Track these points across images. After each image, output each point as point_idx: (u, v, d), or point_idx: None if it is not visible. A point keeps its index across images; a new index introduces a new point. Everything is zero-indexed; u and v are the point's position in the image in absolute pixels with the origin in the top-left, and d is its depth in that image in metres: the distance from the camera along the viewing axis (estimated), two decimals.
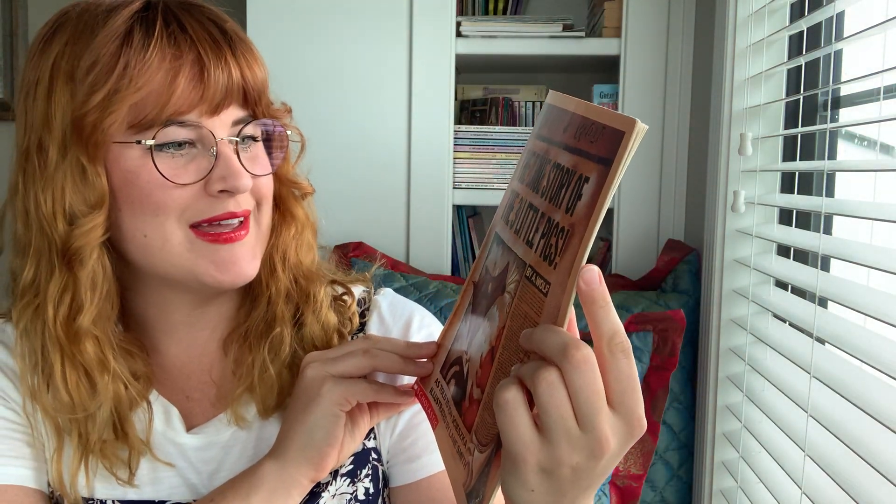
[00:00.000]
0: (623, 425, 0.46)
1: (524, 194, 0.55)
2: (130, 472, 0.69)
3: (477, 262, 0.62)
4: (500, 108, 1.79)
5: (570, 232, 0.46)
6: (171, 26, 0.63)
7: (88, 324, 0.65)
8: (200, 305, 0.73)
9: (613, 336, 0.46)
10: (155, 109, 0.62)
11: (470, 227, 1.79)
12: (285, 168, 0.73)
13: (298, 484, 0.66)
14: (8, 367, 0.71)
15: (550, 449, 0.46)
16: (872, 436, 0.83)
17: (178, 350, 0.75)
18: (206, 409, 0.75)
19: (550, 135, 0.53)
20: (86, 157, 0.62)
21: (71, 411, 0.67)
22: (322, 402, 0.64)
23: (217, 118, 0.65)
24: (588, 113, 0.48)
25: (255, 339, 0.73)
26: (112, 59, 0.61)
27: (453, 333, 0.62)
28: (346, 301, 0.78)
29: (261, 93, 0.68)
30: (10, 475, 0.68)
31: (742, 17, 1.23)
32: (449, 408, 0.58)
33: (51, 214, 0.63)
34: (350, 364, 0.65)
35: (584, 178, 0.46)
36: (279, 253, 0.73)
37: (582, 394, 0.45)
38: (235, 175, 0.64)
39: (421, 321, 0.79)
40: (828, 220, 1.12)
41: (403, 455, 0.76)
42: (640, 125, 0.42)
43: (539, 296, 0.48)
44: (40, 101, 0.64)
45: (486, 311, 0.56)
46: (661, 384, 1.31)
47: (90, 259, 0.64)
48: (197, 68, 0.63)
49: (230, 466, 0.73)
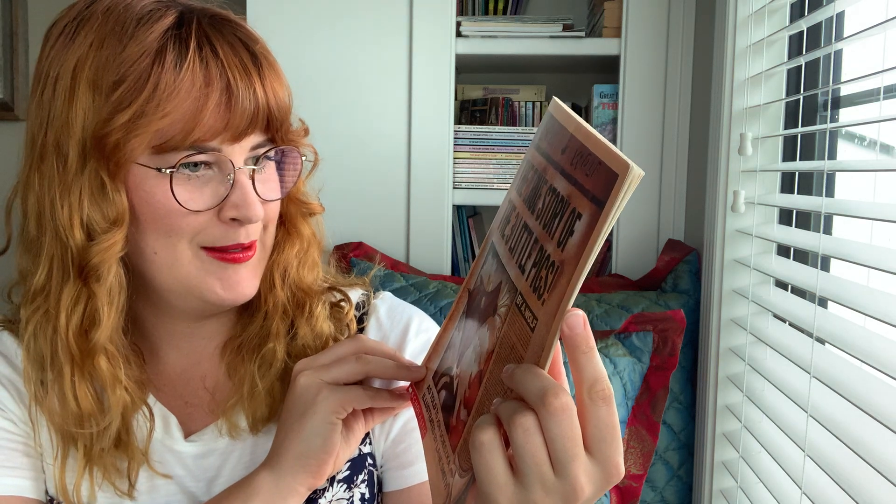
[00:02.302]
0: (599, 472, 0.46)
1: (521, 210, 0.54)
2: (130, 483, 0.69)
3: (473, 268, 0.61)
4: (500, 108, 1.79)
5: (560, 269, 0.45)
6: (203, 49, 0.62)
7: (105, 340, 0.64)
8: (201, 318, 0.73)
9: (595, 383, 0.46)
10: (179, 135, 0.61)
11: (470, 227, 1.79)
12: (297, 187, 0.72)
13: (295, 493, 0.65)
14: (5, 376, 0.71)
15: (524, 493, 0.46)
16: (872, 436, 0.83)
17: (178, 357, 0.75)
18: (203, 416, 0.74)
19: (549, 151, 0.52)
20: (106, 174, 0.61)
21: (78, 421, 0.66)
22: (318, 410, 0.63)
23: (238, 144, 0.64)
24: (587, 141, 0.46)
25: (247, 352, 0.72)
26: (141, 79, 0.60)
27: (447, 340, 0.62)
28: (344, 307, 0.77)
29: (283, 119, 0.67)
30: (9, 486, 0.68)
31: (742, 17, 1.23)
32: (438, 419, 0.57)
33: (67, 222, 0.62)
34: (343, 371, 0.64)
35: (577, 213, 0.45)
36: (280, 269, 0.72)
37: (558, 441, 0.45)
38: (249, 205, 0.64)
39: (419, 325, 0.79)
40: (828, 220, 1.12)
41: (396, 461, 0.76)
42: (634, 171, 0.40)
43: (526, 329, 0.47)
44: (59, 102, 0.62)
45: (477, 328, 0.55)
46: (661, 384, 1.31)
47: (109, 274, 0.63)
48: (226, 96, 0.62)
49: (228, 473, 0.73)
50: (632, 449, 1.32)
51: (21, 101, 2.10)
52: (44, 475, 0.71)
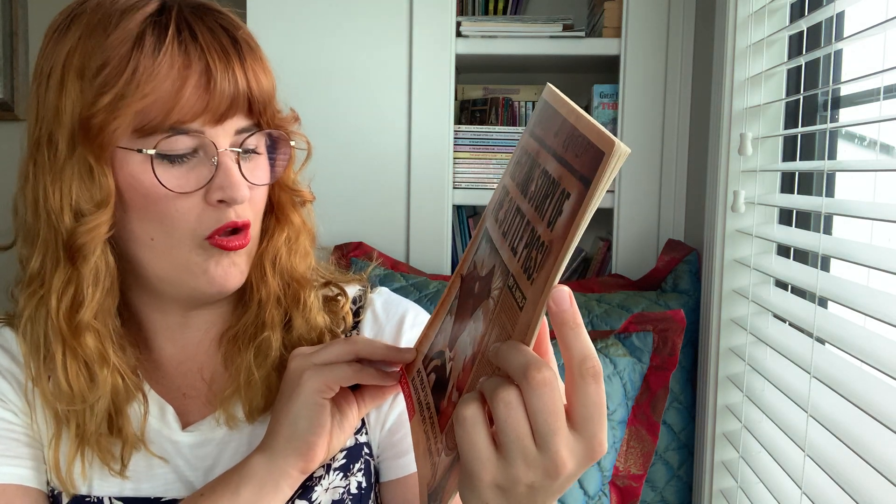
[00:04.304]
0: (583, 448, 0.46)
1: (514, 194, 0.55)
2: (122, 464, 0.70)
3: (466, 254, 0.62)
4: (500, 108, 1.79)
5: (548, 248, 0.45)
6: (182, 34, 0.64)
7: (90, 318, 0.66)
8: (192, 308, 0.74)
9: (584, 360, 0.46)
10: (159, 116, 0.63)
11: (470, 227, 1.79)
12: (287, 175, 0.73)
13: (288, 476, 0.66)
14: (5, 368, 0.72)
15: (506, 467, 0.46)
16: (872, 436, 0.83)
17: (174, 349, 0.76)
18: (201, 407, 0.75)
19: (543, 135, 0.53)
20: (92, 157, 0.63)
21: (70, 401, 0.67)
22: (303, 391, 0.64)
23: (220, 127, 0.66)
24: (578, 123, 0.47)
25: (243, 342, 0.73)
26: (122, 63, 0.62)
27: (438, 324, 0.62)
28: (340, 301, 0.78)
29: (266, 103, 0.68)
30: (9, 474, 0.68)
31: (742, 17, 1.23)
32: (427, 402, 0.58)
33: (58, 208, 0.64)
34: (332, 352, 0.65)
35: (566, 193, 0.45)
36: (269, 257, 0.73)
37: (540, 415, 0.45)
38: (234, 186, 0.65)
39: (414, 319, 0.80)
40: (828, 220, 1.12)
41: (392, 451, 0.77)
42: (620, 147, 0.41)
43: (516, 309, 0.48)
44: (52, 93, 0.64)
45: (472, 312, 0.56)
46: (661, 384, 1.32)
47: (93, 255, 0.65)
48: (204, 78, 0.63)
49: (226, 462, 0.73)
50: (632, 449, 1.32)
51: (21, 100, 2.10)
52: (45, 465, 0.72)
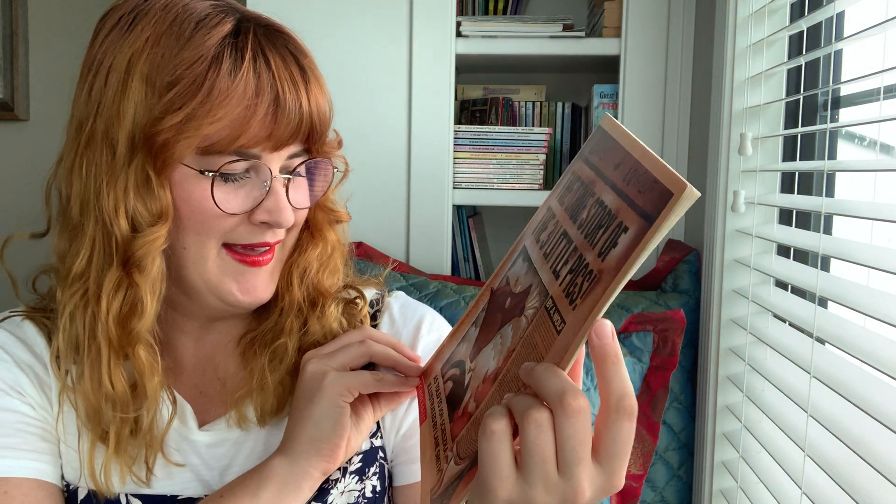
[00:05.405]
0: (603, 480, 0.47)
1: (561, 218, 0.55)
2: (148, 469, 0.70)
3: (499, 269, 0.62)
4: (500, 108, 1.79)
5: (597, 278, 0.46)
6: (257, 60, 0.64)
7: (146, 330, 0.66)
8: (214, 320, 0.75)
9: (623, 398, 0.46)
10: (225, 140, 0.63)
11: (470, 227, 1.79)
12: (325, 195, 0.75)
13: (310, 476, 0.67)
14: (25, 363, 0.72)
15: (525, 487, 0.46)
16: (872, 436, 0.83)
17: (195, 348, 0.76)
18: (216, 406, 0.76)
19: (600, 166, 0.53)
20: (152, 169, 0.63)
21: (112, 403, 0.67)
22: (326, 394, 0.65)
23: (277, 153, 0.67)
24: (643, 160, 0.47)
25: (260, 346, 0.74)
26: (196, 82, 0.62)
27: (462, 333, 0.63)
28: (358, 304, 0.79)
29: (322, 133, 0.70)
30: (26, 468, 0.69)
31: (742, 17, 1.23)
32: (441, 408, 0.58)
33: (112, 210, 0.64)
34: (348, 356, 0.67)
35: (623, 226, 0.46)
36: (299, 269, 0.74)
37: (569, 443, 0.45)
38: (281, 211, 0.66)
39: (431, 324, 0.80)
40: (828, 220, 1.12)
41: (406, 455, 0.77)
42: (690, 191, 0.41)
43: (552, 332, 0.48)
44: (112, 92, 0.64)
45: (499, 327, 0.56)
46: (661, 384, 1.31)
47: (152, 266, 0.65)
48: (273, 107, 0.64)
49: (241, 462, 0.74)
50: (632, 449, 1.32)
51: (21, 100, 2.09)
52: (61, 460, 0.72)
